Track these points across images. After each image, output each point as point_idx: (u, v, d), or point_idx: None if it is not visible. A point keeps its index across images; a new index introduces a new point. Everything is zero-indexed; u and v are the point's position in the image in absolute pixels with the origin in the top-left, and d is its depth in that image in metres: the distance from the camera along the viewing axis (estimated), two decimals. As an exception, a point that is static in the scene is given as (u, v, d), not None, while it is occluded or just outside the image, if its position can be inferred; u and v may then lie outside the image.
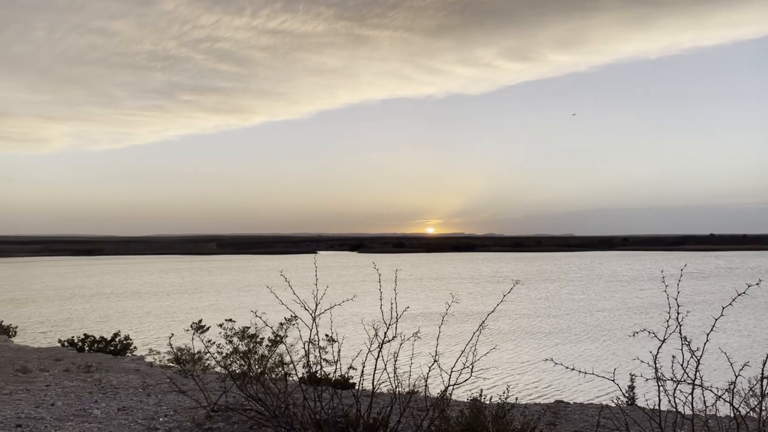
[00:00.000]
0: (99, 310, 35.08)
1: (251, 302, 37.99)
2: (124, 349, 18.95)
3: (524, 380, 17.69)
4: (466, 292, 45.65)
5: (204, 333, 6.65)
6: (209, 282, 60.57)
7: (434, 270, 79.91)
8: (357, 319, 6.97)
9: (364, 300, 13.34)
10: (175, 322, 28.30)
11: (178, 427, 5.97)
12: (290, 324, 6.38)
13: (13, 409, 6.72)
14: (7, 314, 31.02)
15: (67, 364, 13.43)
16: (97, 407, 6.91)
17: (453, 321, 27.61)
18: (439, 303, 36.89)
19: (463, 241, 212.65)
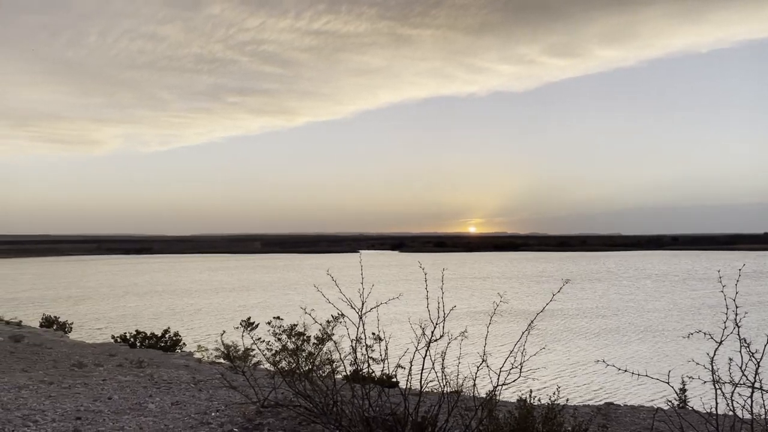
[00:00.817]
0: (151, 307, 36.08)
1: (297, 300, 38.48)
2: (173, 346, 19.46)
3: (573, 381, 17.40)
4: (512, 292, 45.17)
5: (253, 330, 6.78)
6: (256, 280, 61.59)
7: (478, 269, 79.28)
8: (403, 317, 6.99)
9: (409, 299, 13.34)
10: (225, 320, 28.86)
11: (230, 421, 6.10)
12: (337, 322, 6.46)
13: (72, 403, 6.98)
14: (64, 311, 32.24)
15: (120, 359, 13.88)
16: (151, 401, 7.12)
17: (500, 320, 27.35)
18: (484, 302, 36.61)
19: (505, 241, 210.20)
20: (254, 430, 5.83)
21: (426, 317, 5.36)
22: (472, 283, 54.32)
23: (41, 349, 15.09)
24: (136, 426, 5.93)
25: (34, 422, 5.96)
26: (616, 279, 62.18)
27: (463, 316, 26.59)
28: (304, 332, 6.58)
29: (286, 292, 46.74)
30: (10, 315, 26.42)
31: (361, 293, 5.70)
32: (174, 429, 5.84)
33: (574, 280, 57.06)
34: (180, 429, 5.84)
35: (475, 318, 27.63)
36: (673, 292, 48.37)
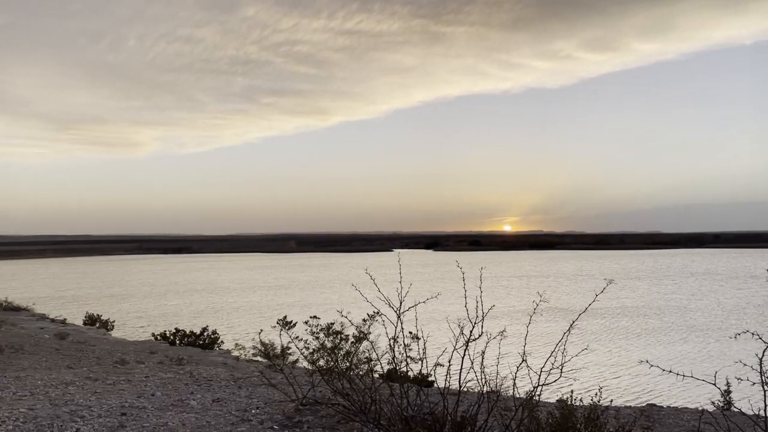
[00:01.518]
0: (191, 306, 36.73)
1: (334, 299, 38.71)
2: (212, 344, 19.78)
3: (615, 382, 17.07)
4: (550, 291, 44.57)
5: (291, 329, 6.84)
6: (292, 279, 62.16)
7: (514, 268, 78.46)
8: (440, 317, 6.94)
9: (446, 298, 13.27)
10: (263, 318, 29.19)
11: (270, 419, 6.17)
12: (373, 320, 6.46)
13: (117, 399, 7.16)
14: (107, 309, 33.08)
15: (160, 356, 14.17)
16: (193, 398, 7.26)
17: (540, 320, 27.03)
18: (522, 301, 36.21)
19: (541, 239, 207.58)
20: (294, 427, 5.88)
21: (464, 316, 5.33)
22: (509, 282, 53.78)
23: (85, 347, 15.51)
24: (179, 422, 6.04)
25: (81, 417, 6.12)
26: (657, 278, 60.82)
27: (501, 316, 26.35)
28: (341, 331, 6.61)
29: (322, 291, 47.05)
30: (55, 313, 27.23)
31: (399, 292, 5.70)
32: (216, 426, 5.94)
33: (614, 278, 56.08)
34: (221, 426, 5.93)
35: (514, 317, 27.35)
36: (717, 291, 47.09)
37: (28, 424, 5.76)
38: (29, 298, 31.37)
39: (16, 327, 18.75)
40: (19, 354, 12.60)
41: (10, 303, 26.73)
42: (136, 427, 5.83)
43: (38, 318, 24.37)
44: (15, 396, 7.22)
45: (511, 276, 61.88)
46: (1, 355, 12.06)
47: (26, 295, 35.15)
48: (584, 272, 70.39)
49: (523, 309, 31.01)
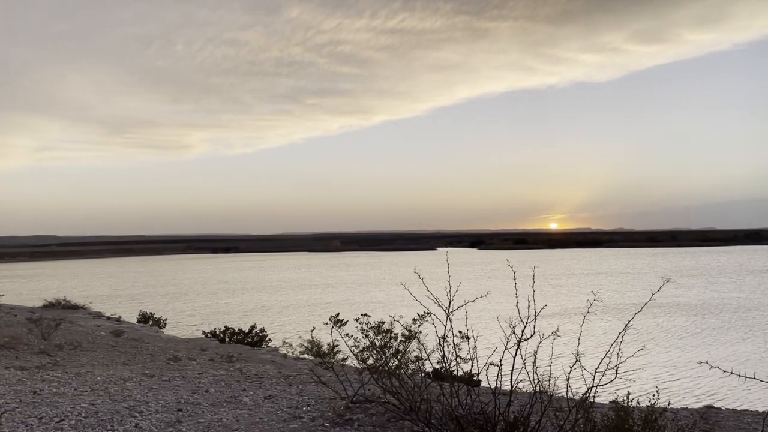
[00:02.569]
0: (242, 304, 37.39)
1: (382, 297, 38.80)
2: (260, 341, 20.11)
3: (673, 383, 16.56)
4: (602, 289, 43.58)
5: (342, 327, 6.89)
6: (339, 278, 62.60)
7: (563, 266, 76.99)
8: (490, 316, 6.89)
9: (496, 297, 13.17)
10: (312, 317, 29.47)
11: (321, 416, 6.24)
12: (423, 320, 6.45)
13: (173, 395, 7.36)
14: (162, 307, 34.03)
15: (211, 354, 14.49)
16: (245, 395, 7.39)
17: (593, 319, 26.50)
18: (573, 300, 35.48)
19: (589, 237, 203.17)
20: (344, 425, 5.93)
21: (515, 315, 5.27)
22: (558, 280, 52.78)
23: (139, 344, 15.99)
24: (233, 418, 6.17)
25: (140, 413, 6.31)
26: (713, 275, 58.76)
27: (552, 315, 25.88)
28: (391, 329, 6.62)
29: (369, 290, 47.23)
30: (111, 311, 28.14)
31: (447, 291, 5.67)
32: (268, 422, 6.03)
33: (669, 277, 54.42)
34: (274, 422, 6.03)
35: (566, 317, 26.86)
36: (778, 290, 45.20)
37: (89, 419, 5.97)
38: (86, 297, 32.51)
39: (75, 325, 19.47)
40: (77, 351, 13.09)
41: (69, 301, 27.76)
42: (192, 422, 5.98)
43: (95, 316, 25.24)
44: (76, 391, 7.49)
45: (560, 274, 60.76)
46: (61, 352, 12.55)
47: (83, 294, 36.46)
48: (636, 270, 68.62)
49: (574, 308, 30.41)
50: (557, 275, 58.64)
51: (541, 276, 58.33)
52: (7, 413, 6.03)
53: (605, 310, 30.33)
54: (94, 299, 33.38)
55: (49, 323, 14.95)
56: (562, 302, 34.13)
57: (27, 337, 13.86)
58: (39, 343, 13.26)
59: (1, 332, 14.50)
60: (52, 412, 6.19)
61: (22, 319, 18.46)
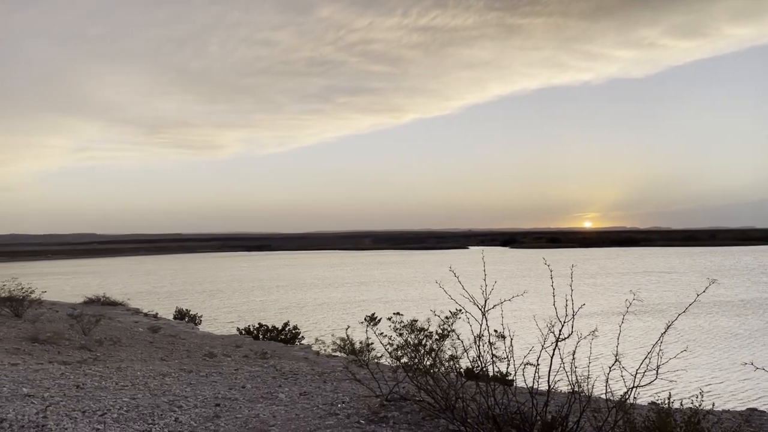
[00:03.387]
0: (277, 302, 37.70)
1: (415, 295, 38.73)
2: (293, 338, 20.29)
3: (714, 385, 16.12)
4: (641, 289, 42.68)
5: (376, 325, 6.91)
6: (372, 276, 62.67)
7: (599, 265, 75.64)
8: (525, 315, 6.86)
9: (531, 296, 12.91)
10: (346, 315, 29.58)
11: (356, 413, 6.27)
12: (456, 318, 6.42)
13: (210, 390, 7.48)
14: (199, 304, 34.56)
15: (245, 350, 14.68)
16: (281, 391, 7.47)
17: (633, 319, 26.00)
18: (611, 300, 34.81)
19: (624, 236, 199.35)
20: (379, 422, 5.94)
21: (551, 315, 5.21)
22: (594, 280, 51.89)
23: (176, 340, 16.29)
24: (270, 414, 6.24)
25: (179, 407, 6.43)
26: (755, 275, 57.07)
27: (589, 315, 25.44)
28: (425, 328, 6.61)
29: (402, 288, 47.21)
30: (148, 308, 28.73)
31: (483, 289, 5.64)
32: (304, 418, 6.09)
33: (709, 276, 53.10)
34: (310, 419, 6.08)
35: (604, 317, 26.39)
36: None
37: (131, 413, 6.11)
38: (124, 294, 33.26)
39: (114, 321, 19.93)
40: (117, 346, 13.40)
41: (108, 298, 28.45)
42: (230, 417, 6.07)
43: (133, 312, 25.81)
44: (117, 386, 7.67)
45: (596, 273, 59.71)
46: (101, 347, 12.86)
47: (122, 291, 37.29)
48: (674, 269, 67.13)
49: (612, 309, 29.82)
50: (593, 274, 57.66)
51: (577, 275, 56.64)
52: (51, 406, 6.21)
53: (645, 310, 29.70)
54: (132, 296, 34.14)
55: (89, 319, 15.35)
56: (599, 302, 33.54)
57: (68, 333, 14.24)
58: (80, 339, 13.61)
59: (44, 328, 14.92)
60: (94, 405, 6.34)
61: (64, 315, 18.97)
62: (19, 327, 14.59)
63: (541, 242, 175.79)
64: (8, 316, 16.41)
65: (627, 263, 79.82)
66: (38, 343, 12.31)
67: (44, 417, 5.76)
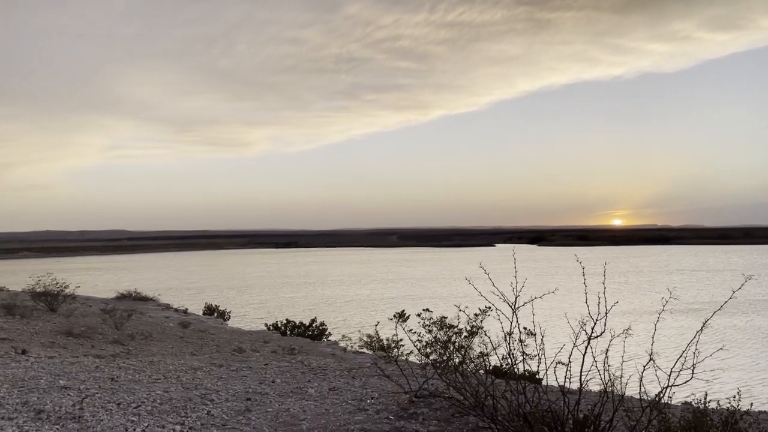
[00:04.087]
0: (306, 298, 37.96)
1: (443, 292, 38.62)
2: (320, 335, 20.42)
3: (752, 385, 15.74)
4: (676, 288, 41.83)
5: (405, 322, 6.91)
6: (400, 273, 62.64)
7: (630, 264, 74.43)
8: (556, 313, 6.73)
9: (562, 294, 12.73)
10: (376, 312, 29.59)
11: (385, 409, 6.28)
12: (485, 315, 6.39)
13: (241, 384, 7.57)
14: (229, 300, 35.00)
15: (273, 346, 14.81)
16: (310, 386, 7.53)
17: (667, 318, 25.50)
18: (644, 300, 34.25)
19: (655, 233, 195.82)
20: (409, 418, 5.95)
21: (583, 313, 5.14)
22: (626, 278, 51.04)
23: (205, 335, 16.51)
24: (300, 409, 6.28)
25: (211, 401, 6.52)
26: (793, 273, 55.65)
27: (622, 314, 25.01)
28: (454, 325, 6.59)
29: (430, 285, 47.11)
30: (178, 303, 29.17)
31: (513, 286, 5.59)
32: (334, 413, 6.12)
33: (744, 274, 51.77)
34: (339, 414, 6.11)
35: (637, 315, 25.95)
36: None
37: (164, 405, 6.21)
38: (155, 289, 33.79)
39: (145, 316, 20.28)
40: (148, 341, 13.63)
41: (139, 293, 28.95)
42: (261, 411, 6.13)
43: (163, 308, 26.23)
44: (150, 379, 7.80)
45: (627, 272, 58.68)
46: (133, 342, 13.10)
47: (152, 287, 37.86)
48: (709, 268, 65.76)
49: (646, 308, 29.27)
50: (624, 273, 56.75)
51: (609, 273, 55.50)
52: (87, 398, 6.35)
53: (679, 309, 29.12)
54: (163, 292, 34.66)
55: (121, 314, 15.64)
56: (632, 301, 33.01)
57: (101, 327, 14.53)
58: (113, 333, 13.88)
59: (78, 322, 15.25)
60: (129, 398, 6.47)
61: (97, 309, 19.35)
62: (54, 321, 14.93)
63: (569, 240, 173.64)
64: (43, 310, 16.80)
65: (659, 261, 78.41)
66: (72, 336, 12.59)
67: (80, 408, 5.89)
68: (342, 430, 5.52)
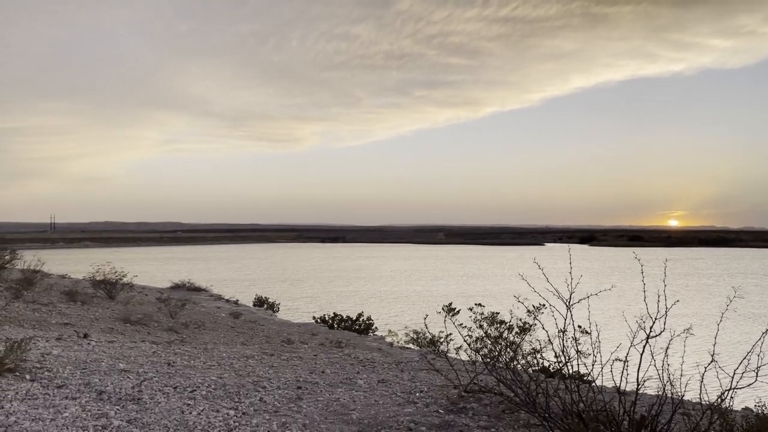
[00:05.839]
0: (357, 293, 38.16)
1: (495, 290, 38.24)
2: (366, 329, 20.53)
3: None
4: (741, 292, 40.11)
5: (454, 316, 6.88)
6: (450, 270, 62.28)
7: (690, 266, 71.85)
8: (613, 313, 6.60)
9: (617, 294, 12.30)
10: (428, 308, 29.44)
11: (434, 402, 6.27)
12: (539, 312, 6.29)
13: (292, 373, 7.69)
14: (282, 292, 35.58)
15: (321, 338, 15.00)
16: (359, 377, 7.58)
17: (730, 318, 24.62)
18: (704, 304, 33.01)
19: (713, 235, 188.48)
20: (459, 413, 5.92)
21: (640, 313, 5.00)
22: (685, 280, 49.34)
23: (255, 326, 16.85)
24: (349, 399, 6.34)
25: (263, 388, 6.65)
26: None
27: (682, 315, 24.19)
28: (506, 321, 6.52)
29: (481, 282, 46.71)
30: (229, 294, 29.83)
31: (568, 283, 5.49)
32: (383, 405, 6.15)
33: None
34: (389, 405, 6.13)
35: (698, 318, 25.09)
36: None
37: (218, 391, 6.37)
38: (208, 280, 34.65)
39: (198, 306, 20.84)
40: (201, 330, 14.00)
41: (192, 284, 29.77)
42: (312, 400, 6.21)
43: (215, 298, 26.90)
44: (205, 365, 8.01)
45: (687, 273, 56.73)
46: (187, 330, 13.48)
47: (205, 278, 38.83)
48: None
49: (707, 311, 28.15)
50: (685, 274, 54.88)
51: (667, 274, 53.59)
52: (146, 381, 6.56)
53: (745, 313, 27.97)
54: (215, 283, 35.52)
55: (175, 303, 16.13)
56: (693, 303, 31.90)
57: (157, 315, 15.00)
58: (167, 321, 14.31)
59: (135, 310, 15.79)
60: (185, 382, 6.65)
61: (153, 298, 20.01)
62: (113, 308, 15.50)
63: (622, 240, 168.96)
64: (103, 297, 17.46)
65: (721, 264, 75.50)
66: (130, 323, 13.04)
67: (139, 391, 6.09)
68: (392, 421, 5.54)
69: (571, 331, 5.49)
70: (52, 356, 7.51)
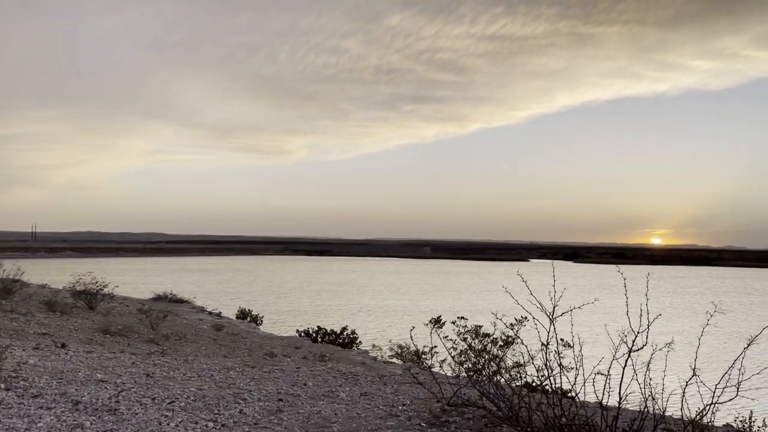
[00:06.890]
0: (344, 306, 37.91)
1: (481, 305, 38.22)
2: (350, 343, 20.39)
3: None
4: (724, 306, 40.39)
5: (440, 328, 6.85)
6: (437, 284, 62.24)
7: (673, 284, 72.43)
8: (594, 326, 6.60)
9: (600, 308, 12.31)
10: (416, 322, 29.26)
11: (417, 416, 6.22)
12: (522, 325, 6.28)
13: (273, 386, 7.59)
14: (269, 305, 35.28)
15: (304, 352, 14.86)
16: (342, 390, 7.50)
17: (712, 333, 24.75)
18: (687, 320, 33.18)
19: (695, 254, 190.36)
20: (441, 426, 5.87)
21: (624, 327, 5.01)
22: (669, 298, 49.66)
23: (238, 338, 16.67)
24: (331, 411, 6.27)
25: (243, 400, 6.56)
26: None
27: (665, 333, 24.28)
28: (489, 334, 6.50)
29: (466, 297, 46.72)
30: (212, 306, 29.53)
31: (552, 296, 5.50)
32: (365, 418, 6.08)
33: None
34: (371, 418, 6.07)
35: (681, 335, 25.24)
36: None
37: (197, 402, 6.27)
38: (190, 292, 34.29)
39: (180, 317, 20.58)
40: (182, 341, 13.83)
41: (175, 295, 29.43)
42: (293, 412, 6.13)
43: (198, 310, 26.57)
44: (185, 377, 7.90)
45: (671, 291, 57.15)
46: (168, 342, 13.30)
47: (188, 289, 38.43)
48: (756, 290, 63.70)
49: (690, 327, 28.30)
50: (668, 292, 55.31)
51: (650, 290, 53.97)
52: (123, 392, 6.45)
53: (727, 330, 28.15)
54: (198, 294, 35.17)
55: (157, 315, 15.91)
56: (675, 320, 32.09)
57: (138, 326, 14.80)
58: (148, 333, 14.12)
59: (115, 321, 15.57)
60: (163, 393, 6.55)
61: (134, 309, 19.73)
62: (92, 319, 15.27)
63: (606, 257, 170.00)
64: (83, 308, 17.21)
65: (704, 282, 76.19)
66: (110, 334, 12.85)
67: (117, 401, 5.98)
68: (373, 434, 5.47)
69: (554, 344, 5.49)
70: (28, 366, 7.37)
